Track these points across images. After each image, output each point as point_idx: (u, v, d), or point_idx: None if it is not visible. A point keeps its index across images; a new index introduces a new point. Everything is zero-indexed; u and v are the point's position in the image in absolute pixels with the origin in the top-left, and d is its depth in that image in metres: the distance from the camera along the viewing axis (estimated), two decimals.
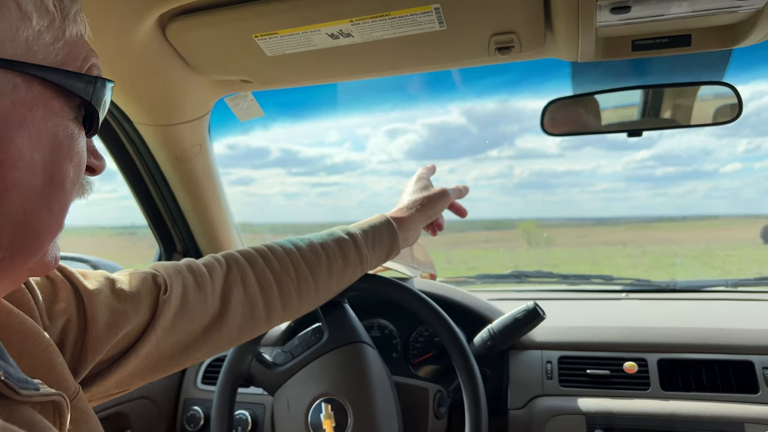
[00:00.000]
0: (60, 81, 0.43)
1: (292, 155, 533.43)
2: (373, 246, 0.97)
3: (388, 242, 0.99)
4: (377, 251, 0.98)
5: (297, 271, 0.90)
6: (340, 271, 0.94)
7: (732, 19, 0.84)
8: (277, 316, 0.89)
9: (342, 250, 0.94)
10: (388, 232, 0.99)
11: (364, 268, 0.98)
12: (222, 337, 0.81)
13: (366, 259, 0.96)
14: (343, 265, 0.94)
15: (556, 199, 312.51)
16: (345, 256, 0.94)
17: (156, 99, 1.10)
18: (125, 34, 0.90)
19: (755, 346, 1.15)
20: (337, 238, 0.95)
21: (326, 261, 0.92)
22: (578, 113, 1.20)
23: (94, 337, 0.66)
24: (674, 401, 1.10)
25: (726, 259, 20.00)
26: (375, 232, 0.98)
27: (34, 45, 0.41)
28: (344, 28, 0.90)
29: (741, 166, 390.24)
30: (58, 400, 0.48)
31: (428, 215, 1.04)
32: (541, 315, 1.13)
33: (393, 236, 0.99)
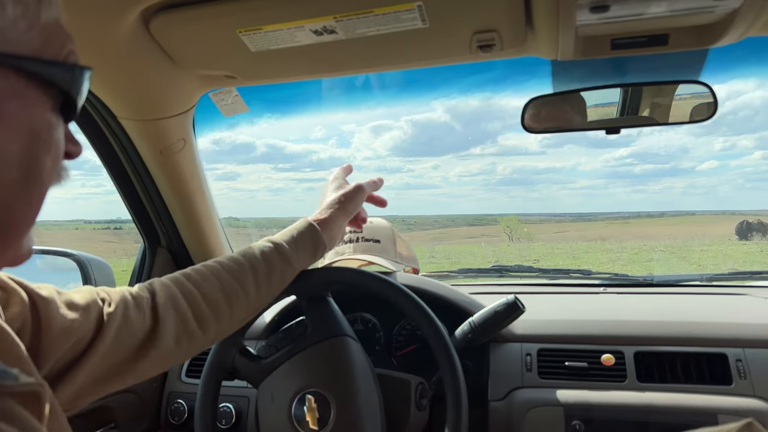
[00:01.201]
0: (37, 70, 0.42)
1: (278, 151, 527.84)
2: (297, 247, 1.00)
3: (312, 242, 1.02)
4: (302, 251, 1.01)
5: (220, 281, 0.92)
6: (267, 275, 0.96)
7: (708, 19, 0.86)
8: (211, 327, 0.91)
9: (264, 256, 0.97)
10: (311, 233, 1.02)
11: (293, 267, 1.00)
12: (162, 350, 0.84)
13: (292, 259, 0.99)
14: (268, 268, 0.96)
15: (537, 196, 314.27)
16: (268, 260, 0.97)
17: (139, 93, 1.10)
18: (108, 28, 0.90)
19: (729, 338, 1.18)
20: (258, 246, 0.98)
21: (250, 267, 0.95)
22: (558, 110, 1.22)
23: (48, 341, 0.67)
24: (650, 393, 1.13)
25: (702, 255, 20.38)
26: (297, 235, 1.01)
27: (9, 34, 0.40)
28: (328, 24, 0.90)
29: (717, 164, 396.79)
30: (38, 390, 0.48)
31: (348, 211, 1.07)
32: (520, 308, 1.15)
33: (315, 236, 1.02)
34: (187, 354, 0.90)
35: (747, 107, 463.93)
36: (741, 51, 1.35)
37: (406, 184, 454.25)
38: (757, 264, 17.22)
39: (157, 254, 1.44)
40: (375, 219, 1.57)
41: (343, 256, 1.47)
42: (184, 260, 1.47)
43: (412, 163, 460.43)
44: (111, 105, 1.13)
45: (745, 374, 1.12)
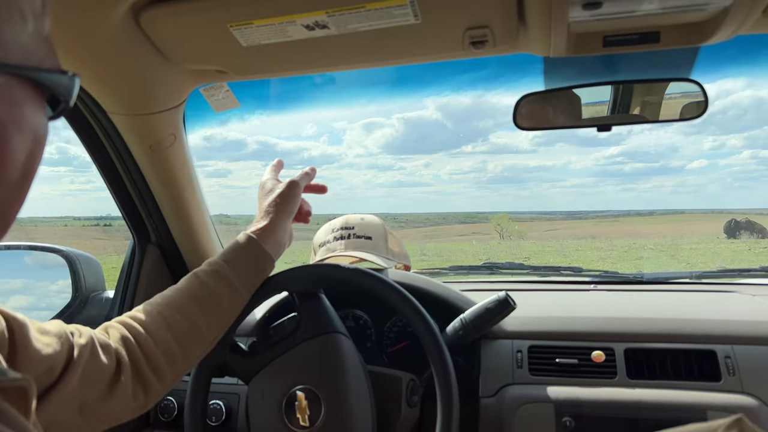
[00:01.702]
0: (46, 80, 0.43)
1: (269, 148, 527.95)
2: (239, 268, 0.98)
3: (255, 259, 1.00)
4: (245, 271, 0.98)
5: (167, 321, 0.90)
6: (214, 306, 0.94)
7: (700, 17, 0.87)
8: (163, 368, 0.89)
9: (207, 286, 0.94)
10: (252, 248, 1.00)
11: (239, 292, 0.98)
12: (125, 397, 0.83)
13: (235, 282, 0.96)
14: (213, 298, 0.94)
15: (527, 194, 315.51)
16: (212, 290, 0.94)
17: (129, 88, 1.09)
18: (98, 22, 0.89)
19: (717, 335, 1.19)
20: (201, 274, 0.96)
21: (195, 300, 0.93)
22: (550, 108, 1.22)
23: (24, 363, 0.67)
24: (640, 389, 1.13)
25: (691, 253, 20.55)
26: (238, 254, 0.99)
27: (29, 47, 0.42)
28: (320, 19, 0.90)
29: (707, 163, 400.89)
30: (25, 386, 0.48)
31: (287, 211, 1.05)
32: (511, 305, 1.15)
33: (258, 251, 1.00)
34: (143, 406, 0.88)
35: (736, 106, 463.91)
36: (731, 50, 1.36)
37: (398, 181, 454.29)
38: (746, 262, 17.38)
39: (147, 251, 1.43)
40: (367, 216, 1.56)
41: (335, 252, 1.46)
42: (174, 257, 1.46)
43: (404, 161, 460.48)
44: (100, 100, 1.12)
45: (734, 371, 1.12)
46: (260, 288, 1.10)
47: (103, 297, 1.49)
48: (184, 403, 1.08)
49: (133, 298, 1.41)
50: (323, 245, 1.51)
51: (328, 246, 1.49)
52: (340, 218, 1.55)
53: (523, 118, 1.22)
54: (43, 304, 1.54)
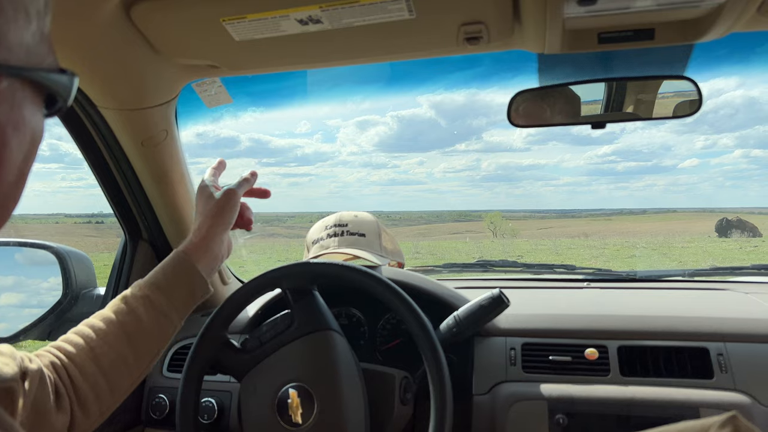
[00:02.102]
0: (46, 80, 0.42)
1: (263, 145, 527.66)
2: (171, 292, 0.93)
3: (186, 280, 0.95)
4: (177, 294, 0.93)
5: (94, 352, 0.86)
6: (143, 334, 0.89)
7: (694, 14, 0.87)
8: (90, 403, 0.84)
9: (136, 313, 0.90)
10: (183, 269, 0.95)
11: (170, 319, 0.93)
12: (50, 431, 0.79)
13: (163, 307, 0.92)
14: (141, 327, 0.89)
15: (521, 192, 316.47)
16: (140, 317, 0.90)
17: (120, 82, 1.08)
18: (89, 15, 0.88)
19: (710, 333, 1.19)
20: (129, 299, 0.91)
21: (122, 330, 0.88)
22: (545, 105, 1.22)
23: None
24: (633, 386, 1.14)
25: (683, 251, 20.67)
26: (169, 276, 0.94)
27: (31, 48, 0.41)
28: (313, 14, 0.89)
29: (698, 162, 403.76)
30: (12, 387, 0.47)
31: (224, 223, 1.00)
32: (505, 302, 1.15)
33: (188, 271, 0.95)
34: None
35: (728, 106, 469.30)
36: (724, 50, 1.36)
37: (392, 179, 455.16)
38: (737, 261, 17.51)
39: (139, 247, 1.42)
40: (360, 213, 1.56)
41: (328, 249, 1.46)
42: (166, 254, 1.44)
43: (398, 159, 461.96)
44: (91, 94, 1.10)
45: (726, 368, 1.13)
46: (253, 285, 1.10)
47: (94, 294, 1.48)
48: (175, 400, 1.08)
49: None
50: (316, 242, 1.50)
51: (321, 243, 1.49)
52: (334, 215, 1.55)
53: (517, 115, 1.22)
54: (34, 301, 1.53)
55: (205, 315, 1.46)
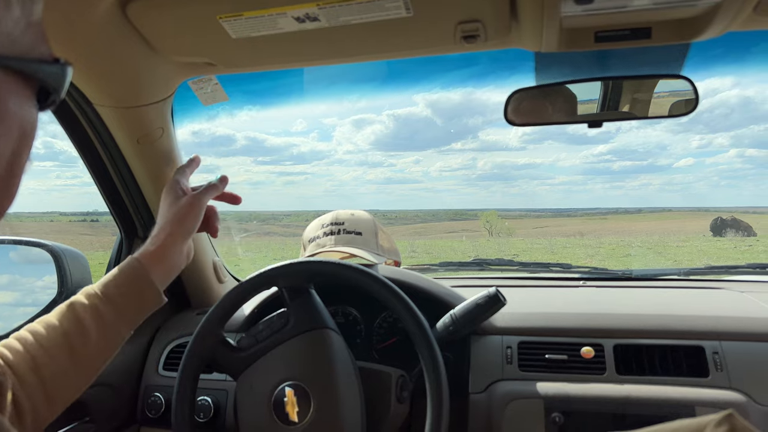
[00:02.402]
0: (33, 70, 0.41)
1: (258, 144, 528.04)
2: (117, 303, 0.87)
3: (137, 291, 0.89)
4: (124, 306, 0.88)
5: (35, 361, 0.80)
6: (86, 344, 0.84)
7: (691, 13, 0.87)
8: (26, 414, 0.78)
9: (81, 322, 0.84)
10: (137, 278, 0.90)
11: (115, 330, 0.87)
12: None
13: (111, 323, 0.86)
14: (85, 336, 0.84)
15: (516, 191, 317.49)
16: (84, 327, 0.84)
17: (116, 80, 1.07)
18: (84, 12, 0.87)
19: (705, 331, 1.19)
20: (74, 307, 0.86)
21: (64, 339, 0.83)
22: (542, 103, 1.22)
23: None
24: (629, 385, 1.14)
25: (678, 251, 20.74)
26: (119, 287, 0.88)
27: (14, 35, 0.39)
28: (310, 11, 0.89)
29: (693, 162, 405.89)
30: (1, 380, 0.47)
31: (184, 232, 0.95)
32: (501, 301, 1.15)
33: (141, 281, 0.90)
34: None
35: (723, 105, 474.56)
36: (719, 49, 1.36)
37: (388, 178, 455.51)
38: (731, 260, 17.58)
39: (134, 245, 1.42)
40: (357, 211, 1.56)
41: (325, 248, 1.45)
42: None
43: (394, 158, 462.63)
44: (87, 92, 1.10)
45: (722, 366, 1.13)
46: (249, 283, 1.10)
47: None
48: (171, 399, 1.07)
49: None
50: (313, 240, 1.50)
51: (318, 241, 1.48)
52: (330, 213, 1.55)
53: (514, 114, 1.22)
54: (29, 299, 1.52)
55: (201, 313, 1.46)
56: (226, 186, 1.03)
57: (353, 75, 2.03)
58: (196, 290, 1.54)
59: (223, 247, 1.79)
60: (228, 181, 1.05)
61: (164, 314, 1.52)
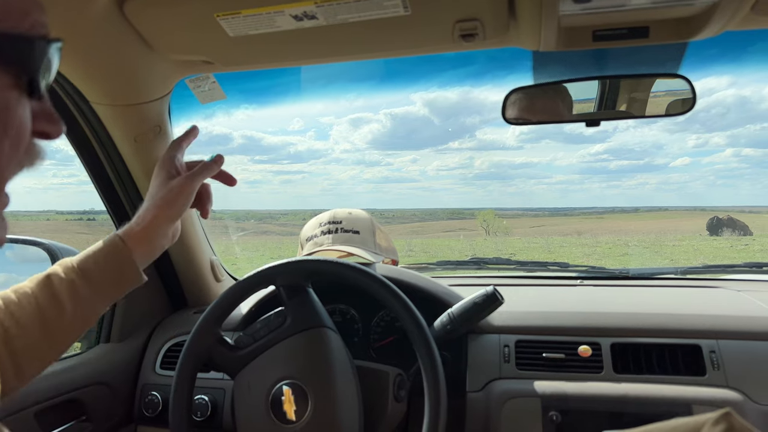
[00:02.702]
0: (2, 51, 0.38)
1: (255, 142, 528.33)
2: (95, 280, 0.83)
3: (117, 269, 0.85)
4: (102, 283, 0.84)
5: (5, 327, 0.78)
6: (61, 320, 0.80)
7: (689, 12, 0.87)
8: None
9: (56, 296, 0.80)
10: (117, 256, 0.85)
11: (91, 307, 0.83)
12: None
13: (87, 300, 0.82)
14: (60, 312, 0.80)
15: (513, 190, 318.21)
16: (60, 302, 0.80)
17: (113, 78, 1.07)
18: (81, 9, 0.87)
19: (702, 330, 1.20)
20: (51, 280, 0.82)
21: (39, 311, 0.79)
22: (539, 102, 1.22)
23: None
24: (626, 383, 1.14)
25: (674, 250, 20.78)
26: (98, 263, 0.84)
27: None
28: (308, 9, 0.89)
29: (690, 161, 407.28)
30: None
31: (168, 217, 0.90)
32: (499, 300, 1.15)
33: (122, 259, 0.85)
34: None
35: (719, 105, 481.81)
36: (716, 49, 1.37)
37: (385, 177, 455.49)
38: (727, 259, 17.61)
39: None
40: (354, 210, 1.56)
41: (322, 246, 1.45)
42: None
43: (391, 157, 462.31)
44: (84, 90, 1.10)
45: (719, 365, 1.13)
46: (247, 282, 1.09)
47: None
48: (168, 398, 1.07)
49: None
50: (310, 239, 1.50)
51: (315, 240, 1.48)
52: (328, 212, 1.55)
53: (511, 113, 1.22)
54: None
55: (198, 312, 1.46)
56: (221, 165, 0.98)
57: (350, 74, 2.03)
58: (193, 289, 1.54)
59: (221, 245, 1.79)
60: (223, 161, 0.99)
61: (161, 313, 1.52)
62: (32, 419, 1.10)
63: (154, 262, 1.45)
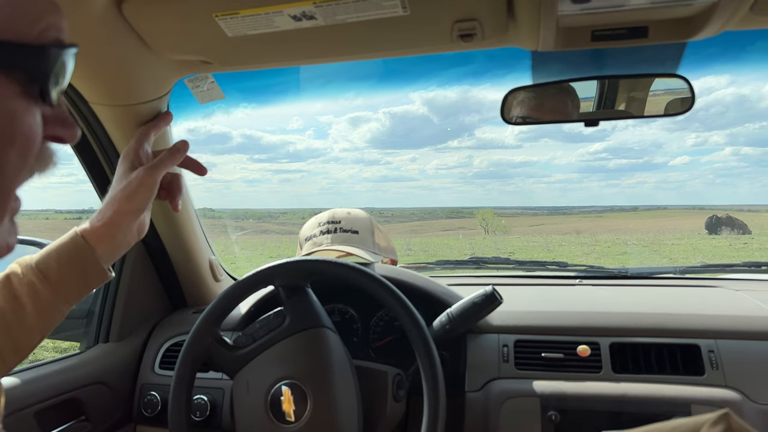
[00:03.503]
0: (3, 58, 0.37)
1: (254, 141, 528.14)
2: (56, 282, 0.78)
3: (80, 266, 0.79)
4: (64, 284, 0.79)
5: None
6: (22, 321, 0.76)
7: (688, 12, 0.87)
8: None
9: (16, 299, 0.76)
10: (79, 255, 0.80)
11: (55, 308, 0.78)
12: None
13: (49, 301, 0.77)
14: (21, 314, 0.76)
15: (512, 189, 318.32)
16: (21, 304, 0.76)
17: (112, 78, 1.07)
18: (78, 8, 0.87)
19: (701, 330, 1.20)
20: (10, 281, 0.78)
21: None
22: (538, 102, 1.22)
23: None
24: (625, 383, 1.14)
25: (673, 248, 20.78)
26: (60, 263, 0.79)
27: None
28: (307, 9, 0.89)
29: (689, 160, 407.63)
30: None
31: (129, 212, 0.83)
32: (498, 299, 1.15)
33: (84, 257, 0.80)
34: None
35: (718, 103, 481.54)
36: (715, 48, 1.36)
37: (384, 176, 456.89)
38: (726, 258, 17.62)
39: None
40: (353, 210, 1.56)
41: (321, 246, 1.45)
42: (159, 250, 1.44)
43: (390, 156, 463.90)
44: (82, 89, 1.09)
45: (717, 365, 1.14)
46: (246, 282, 1.09)
47: None
48: (167, 398, 1.07)
49: (117, 291, 1.39)
50: (309, 239, 1.50)
51: (314, 240, 1.48)
52: (327, 212, 1.55)
53: (510, 113, 1.22)
54: None
55: (197, 312, 1.46)
56: (186, 151, 0.90)
57: (349, 73, 2.03)
58: (192, 289, 1.54)
59: (219, 245, 1.79)
60: (188, 147, 0.92)
61: (160, 313, 1.52)
62: (32, 419, 1.10)
63: (153, 262, 1.46)
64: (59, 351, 3.12)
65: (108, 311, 1.39)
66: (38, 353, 4.18)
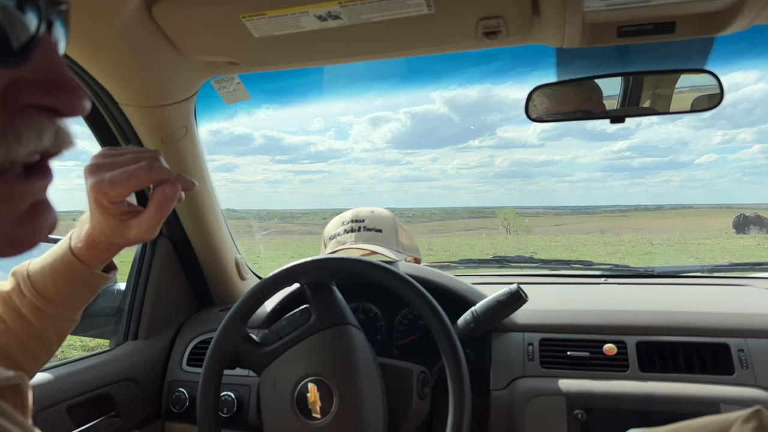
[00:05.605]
0: None
1: (276, 143, 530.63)
2: (59, 300, 0.75)
3: (79, 282, 0.76)
4: (69, 298, 0.76)
5: None
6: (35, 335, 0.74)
7: (716, 7, 0.86)
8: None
9: (23, 318, 0.74)
10: (74, 273, 0.76)
11: (64, 319, 0.77)
12: None
13: (54, 316, 0.75)
14: (28, 328, 0.74)
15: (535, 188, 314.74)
16: (27, 321, 0.74)
17: (141, 79, 1.09)
18: (110, 12, 0.89)
19: (730, 329, 1.18)
20: (11, 301, 0.75)
21: (4, 329, 0.73)
22: (563, 99, 1.22)
23: None
24: (652, 382, 1.13)
25: (699, 248, 20.40)
26: (57, 285, 0.75)
27: None
28: (332, 9, 0.90)
29: (716, 158, 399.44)
30: (20, 383, 0.45)
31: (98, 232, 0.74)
32: (523, 297, 1.15)
33: (81, 274, 0.76)
34: None
35: (747, 100, 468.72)
36: (744, 42, 1.34)
37: (404, 176, 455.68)
38: (754, 257, 17.25)
39: (158, 243, 1.44)
40: (377, 209, 1.57)
41: (345, 245, 1.46)
42: (186, 249, 1.47)
43: (411, 156, 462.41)
44: (112, 91, 1.12)
45: (747, 364, 1.12)
46: (272, 280, 1.11)
47: (115, 289, 1.50)
48: (195, 394, 1.09)
49: (145, 289, 1.42)
50: (333, 238, 1.51)
51: (338, 238, 1.49)
52: (351, 211, 1.56)
53: (535, 110, 1.22)
54: None
55: (224, 310, 1.48)
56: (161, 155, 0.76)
57: (371, 73, 2.03)
58: (218, 287, 1.56)
59: (244, 244, 1.81)
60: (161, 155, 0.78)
61: (188, 311, 1.54)
62: (64, 414, 1.13)
63: (181, 261, 1.49)
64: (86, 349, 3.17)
65: (137, 309, 1.42)
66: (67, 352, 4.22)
